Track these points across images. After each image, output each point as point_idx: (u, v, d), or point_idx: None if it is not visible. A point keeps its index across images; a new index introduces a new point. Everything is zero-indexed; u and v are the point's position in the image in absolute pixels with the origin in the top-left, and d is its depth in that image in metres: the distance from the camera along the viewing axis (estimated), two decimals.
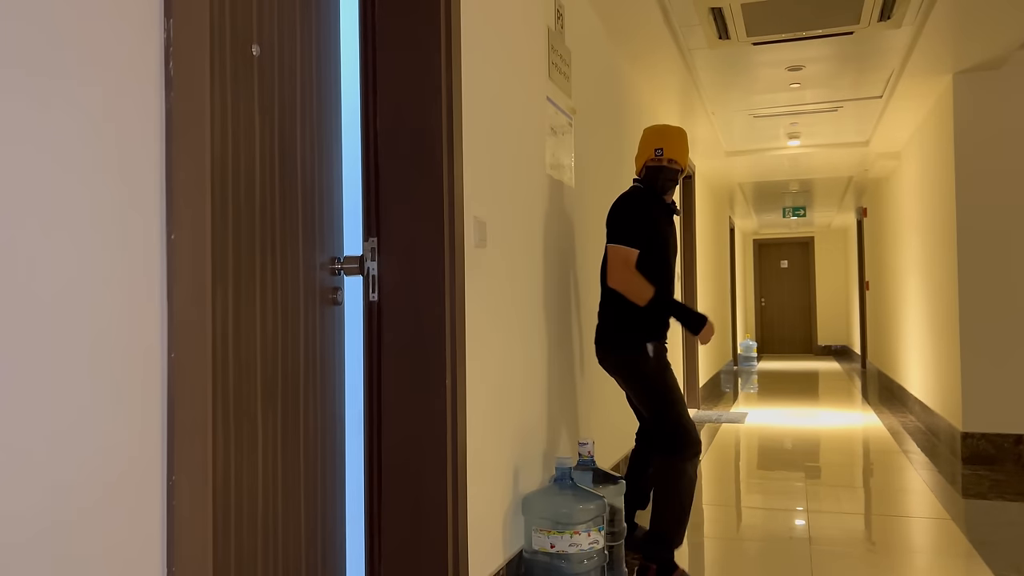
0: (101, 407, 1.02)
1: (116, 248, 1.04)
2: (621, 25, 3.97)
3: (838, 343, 14.40)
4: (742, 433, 6.02)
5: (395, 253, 2.17)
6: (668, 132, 2.96)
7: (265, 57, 1.73)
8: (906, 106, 5.60)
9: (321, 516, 1.93)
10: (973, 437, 4.74)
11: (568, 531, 2.41)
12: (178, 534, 1.13)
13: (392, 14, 2.19)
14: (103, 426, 1.02)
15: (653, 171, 2.93)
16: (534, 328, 2.82)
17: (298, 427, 1.83)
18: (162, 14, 1.15)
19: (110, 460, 1.03)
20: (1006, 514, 3.65)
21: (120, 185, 1.05)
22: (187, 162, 1.15)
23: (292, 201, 1.83)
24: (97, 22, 1.02)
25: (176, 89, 1.14)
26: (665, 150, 2.92)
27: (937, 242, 5.42)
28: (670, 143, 2.93)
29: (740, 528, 3.48)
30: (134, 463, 1.07)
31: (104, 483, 1.02)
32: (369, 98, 2.20)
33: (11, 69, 0.90)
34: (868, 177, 8.63)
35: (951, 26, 3.99)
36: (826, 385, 9.42)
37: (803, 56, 4.53)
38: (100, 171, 1.02)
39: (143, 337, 1.09)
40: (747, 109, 5.78)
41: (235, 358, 1.57)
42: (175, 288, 1.13)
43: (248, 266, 1.63)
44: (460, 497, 2.19)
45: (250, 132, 1.64)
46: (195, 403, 1.16)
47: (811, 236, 14.67)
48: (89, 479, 1.00)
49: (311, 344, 1.92)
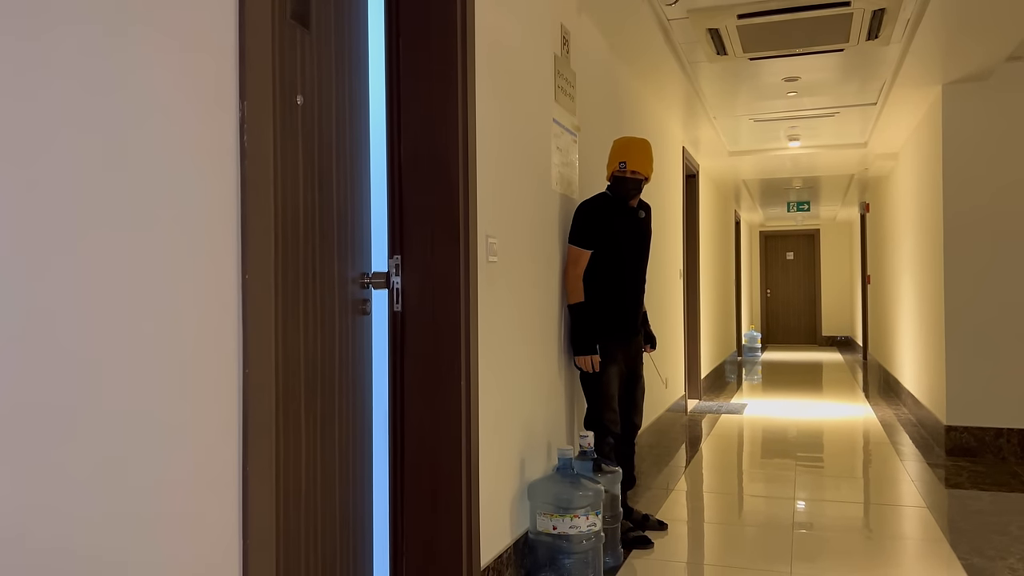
0: (189, 419, 1.31)
1: (204, 290, 1.33)
2: (625, 44, 4.22)
3: (842, 334, 14.63)
4: (740, 424, 6.29)
5: (416, 269, 2.45)
6: (632, 145, 3.34)
7: (307, 104, 2.00)
8: (901, 111, 5.83)
9: (353, 501, 2.22)
10: (956, 430, 5.01)
11: (569, 515, 2.70)
12: (252, 515, 1.42)
13: (413, 57, 2.46)
14: (195, 429, 1.31)
15: (618, 181, 3.33)
16: (539, 332, 3.10)
17: (333, 423, 2.12)
18: (238, 97, 1.43)
19: (200, 456, 1.32)
20: (978, 503, 3.92)
21: (207, 240, 1.34)
22: (256, 218, 1.43)
23: (328, 226, 2.11)
24: (185, 107, 1.31)
25: (249, 159, 1.42)
26: (628, 163, 3.32)
27: (927, 242, 5.67)
28: (633, 156, 3.32)
29: (738, 514, 3.77)
30: (218, 458, 1.36)
31: (197, 474, 1.32)
32: (393, 130, 2.48)
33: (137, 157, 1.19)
34: (869, 175, 8.85)
35: (937, 42, 4.22)
36: (828, 377, 9.67)
37: (798, 68, 4.76)
38: (191, 233, 1.31)
39: (226, 359, 1.38)
40: (748, 114, 6.02)
41: (284, 365, 1.86)
42: (248, 320, 1.42)
43: (293, 284, 1.91)
44: (473, 486, 2.48)
45: (295, 169, 1.92)
46: (263, 410, 1.45)
47: (817, 228, 14.87)
48: (184, 471, 1.29)
49: (344, 350, 2.21)
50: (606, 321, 3.35)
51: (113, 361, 1.17)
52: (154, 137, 1.25)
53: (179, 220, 1.29)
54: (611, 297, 3.34)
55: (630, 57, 4.49)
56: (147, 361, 1.23)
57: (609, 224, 3.32)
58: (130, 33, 1.21)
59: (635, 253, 3.39)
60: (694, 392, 7.35)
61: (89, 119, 1.14)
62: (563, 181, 3.42)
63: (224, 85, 1.39)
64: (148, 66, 1.24)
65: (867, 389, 8.40)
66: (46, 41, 1.07)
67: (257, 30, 1.46)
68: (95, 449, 1.14)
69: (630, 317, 3.39)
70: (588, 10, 3.74)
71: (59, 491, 1.09)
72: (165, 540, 1.26)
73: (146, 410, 1.23)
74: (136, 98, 1.22)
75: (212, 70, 1.37)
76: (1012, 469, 4.64)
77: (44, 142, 1.07)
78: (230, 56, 1.41)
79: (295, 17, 1.96)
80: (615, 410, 3.33)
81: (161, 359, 1.25)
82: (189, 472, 1.30)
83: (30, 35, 1.05)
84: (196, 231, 1.32)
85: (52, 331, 1.08)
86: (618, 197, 3.35)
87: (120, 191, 1.19)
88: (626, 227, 3.36)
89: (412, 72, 2.47)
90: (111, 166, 1.17)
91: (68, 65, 1.11)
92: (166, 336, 1.26)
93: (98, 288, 1.15)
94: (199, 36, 1.34)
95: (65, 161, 1.10)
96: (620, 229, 3.34)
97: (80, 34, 1.13)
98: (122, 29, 1.19)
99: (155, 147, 1.25)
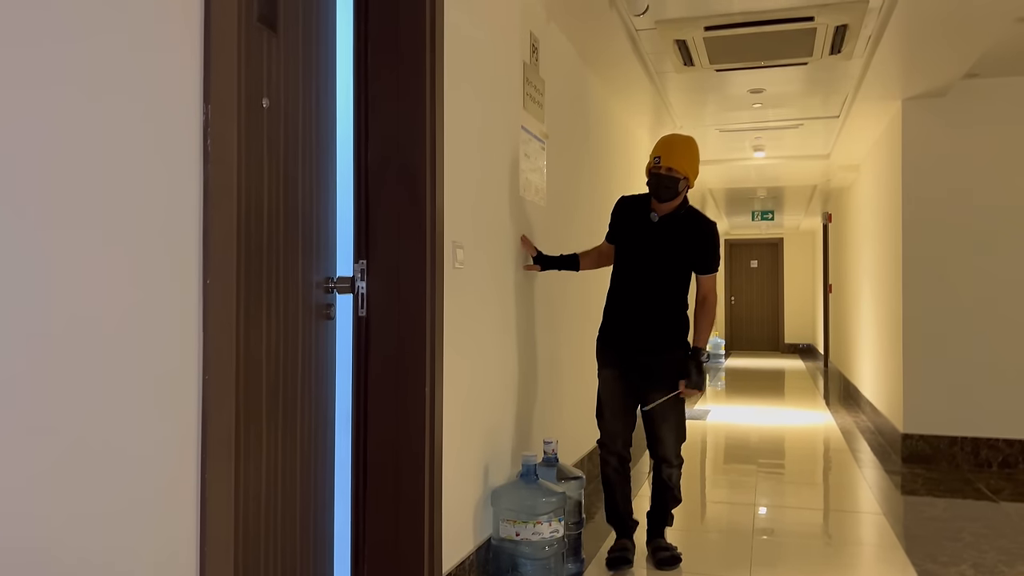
0: (149, 421, 1.30)
1: (162, 294, 1.32)
2: (593, 52, 4.26)
3: (804, 342, 14.86)
4: (704, 430, 6.36)
5: (382, 274, 2.45)
6: (671, 141, 3.10)
7: (273, 108, 1.99)
8: (862, 125, 5.94)
9: (314, 504, 2.20)
10: (912, 438, 5.11)
11: (531, 521, 2.70)
12: (210, 518, 1.41)
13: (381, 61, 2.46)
14: (150, 436, 1.30)
15: (651, 176, 3.10)
16: (505, 337, 3.11)
17: (295, 427, 2.10)
18: (202, 100, 1.42)
19: (157, 462, 1.31)
20: (933, 509, 4.01)
21: (166, 242, 1.33)
22: (219, 222, 1.42)
23: (293, 229, 2.10)
24: (145, 108, 1.29)
25: (212, 163, 1.41)
26: (663, 158, 3.05)
27: (886, 252, 5.78)
28: (669, 151, 3.06)
29: (700, 520, 3.81)
30: (175, 464, 1.35)
31: (151, 484, 1.30)
32: (361, 134, 2.47)
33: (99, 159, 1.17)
34: (831, 186, 9.01)
35: (897, 59, 4.31)
36: (790, 384, 9.81)
37: (764, 80, 4.84)
38: (149, 235, 1.30)
39: (185, 363, 1.37)
40: (714, 124, 6.10)
41: (246, 370, 1.84)
42: (208, 324, 1.41)
43: (257, 288, 1.90)
44: (436, 491, 2.48)
45: (260, 172, 1.91)
46: (222, 415, 1.44)
47: (780, 237, 15.09)
48: (140, 476, 1.28)
49: (308, 354, 2.20)
50: (603, 323, 3.26)
51: (65, 365, 1.16)
52: (109, 138, 1.23)
53: (138, 223, 1.27)
54: (609, 300, 3.24)
55: (599, 66, 4.53)
56: (100, 364, 1.21)
57: (623, 222, 3.20)
58: (90, 32, 1.20)
59: (641, 261, 3.13)
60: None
61: (37, 114, 1.12)
62: (531, 188, 3.44)
63: (187, 87, 1.38)
64: (107, 67, 1.22)
65: (828, 397, 8.54)
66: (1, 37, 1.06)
67: (222, 32, 1.45)
68: (46, 454, 1.13)
69: (623, 327, 3.16)
70: (557, 18, 3.76)
71: (11, 492, 1.07)
72: (119, 543, 1.24)
73: (99, 414, 1.21)
74: (92, 96, 1.20)
75: (175, 72, 1.35)
76: (965, 476, 4.75)
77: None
78: (194, 59, 1.40)
79: (262, 20, 1.94)
80: (605, 419, 3.19)
81: (116, 362, 1.23)
82: (144, 477, 1.29)
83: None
84: (156, 234, 1.31)
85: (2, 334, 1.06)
86: (648, 196, 3.16)
87: (74, 192, 1.17)
88: (638, 230, 3.16)
89: (380, 77, 2.47)
90: (64, 165, 1.16)
91: (18, 63, 1.09)
92: (122, 338, 1.24)
93: (49, 290, 1.13)
94: (162, 37, 1.33)
95: (11, 158, 1.09)
96: (632, 231, 3.17)
97: (36, 30, 1.11)
98: (81, 28, 1.18)
99: (110, 148, 1.23)
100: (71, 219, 1.16)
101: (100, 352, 1.20)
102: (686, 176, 3.07)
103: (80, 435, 1.17)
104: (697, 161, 3.15)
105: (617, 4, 3.60)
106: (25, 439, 1.09)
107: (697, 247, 3.13)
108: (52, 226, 1.13)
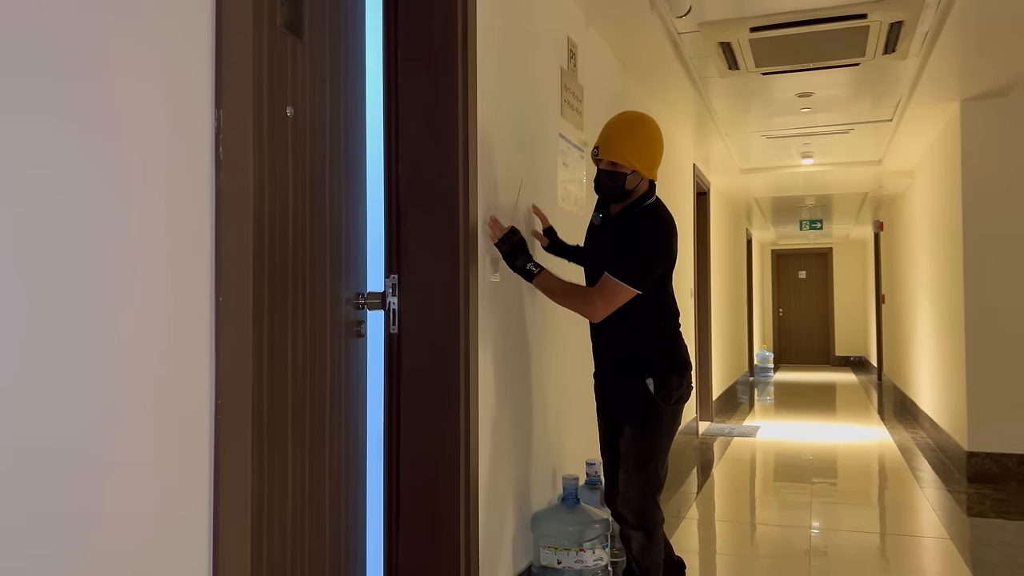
0: (157, 449, 1.20)
1: (168, 312, 1.22)
2: (634, 57, 4.13)
3: (856, 354, 14.42)
4: (753, 447, 6.13)
5: (414, 289, 2.34)
6: (610, 126, 2.48)
7: (298, 116, 1.91)
8: (917, 128, 5.70)
9: (345, 532, 2.10)
10: (978, 456, 4.84)
11: (574, 548, 2.56)
12: (223, 552, 1.31)
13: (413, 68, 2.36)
14: (157, 466, 1.20)
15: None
16: (546, 353, 2.98)
17: (324, 451, 2.00)
18: (213, 105, 1.33)
19: (164, 495, 1.21)
20: (1004, 533, 3.76)
21: (173, 258, 1.24)
22: (232, 235, 1.33)
23: (321, 242, 2.01)
24: (153, 111, 1.21)
25: (224, 171, 1.32)
26: (601, 148, 2.44)
27: (946, 261, 5.52)
28: (607, 139, 2.44)
29: (750, 544, 3.62)
30: (185, 496, 1.25)
31: (160, 513, 1.20)
32: (392, 143, 2.38)
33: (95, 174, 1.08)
34: (883, 193, 8.71)
35: (956, 57, 4.10)
36: (842, 398, 9.49)
37: (812, 83, 4.65)
38: (162, 250, 1.20)
39: (195, 387, 1.27)
40: (760, 131, 5.91)
41: (269, 391, 1.75)
42: (221, 343, 1.31)
43: (281, 304, 1.81)
44: (472, 515, 2.36)
45: (284, 183, 1.82)
46: (237, 442, 1.34)
47: (829, 247, 14.70)
48: (146, 510, 1.18)
49: (337, 374, 2.10)
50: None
51: (52, 393, 1.06)
52: (111, 141, 1.14)
53: (140, 235, 1.18)
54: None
55: (640, 72, 4.39)
56: (96, 390, 1.12)
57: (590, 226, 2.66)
58: (93, 36, 1.11)
59: (588, 271, 2.58)
60: (705, 414, 7.20)
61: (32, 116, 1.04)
62: (570, 198, 3.32)
63: (198, 93, 1.29)
64: (110, 71, 1.14)
65: (883, 411, 8.22)
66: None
67: (235, 36, 1.36)
68: (40, 489, 1.04)
69: (594, 347, 2.58)
70: (596, 23, 3.65)
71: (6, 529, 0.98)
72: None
73: (95, 448, 1.12)
74: (94, 101, 1.12)
75: (184, 77, 1.27)
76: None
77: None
78: (204, 63, 1.31)
79: (286, 26, 1.86)
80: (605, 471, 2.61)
81: (114, 387, 1.14)
82: (151, 511, 1.19)
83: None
84: (160, 248, 1.21)
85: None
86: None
87: (67, 202, 1.08)
88: (590, 236, 2.63)
89: (412, 84, 2.37)
90: (56, 173, 1.07)
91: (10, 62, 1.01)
92: (121, 361, 1.15)
93: (38, 310, 1.04)
94: (170, 40, 1.25)
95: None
96: (588, 237, 2.65)
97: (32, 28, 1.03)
98: (85, 32, 1.10)
99: (109, 153, 1.15)
100: (60, 233, 1.07)
101: (90, 377, 1.11)
102: (634, 169, 2.39)
103: (69, 473, 1.08)
104: (651, 145, 2.41)
105: (658, 6, 3.47)
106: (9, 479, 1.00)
107: (620, 245, 2.38)
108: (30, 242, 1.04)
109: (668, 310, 2.49)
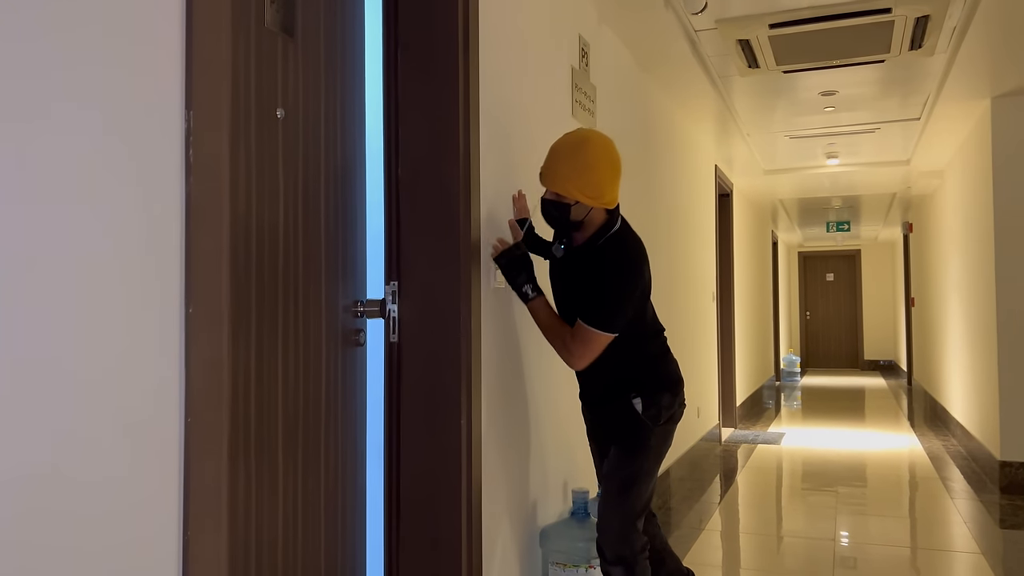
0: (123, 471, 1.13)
1: (138, 326, 1.15)
2: (649, 56, 4.03)
3: (885, 358, 14.13)
4: (778, 455, 5.98)
5: (415, 296, 2.27)
6: (552, 151, 2.20)
7: (290, 118, 1.84)
8: (946, 127, 5.53)
9: (341, 551, 2.02)
10: (1012, 466, 4.66)
11: (583, 565, 2.47)
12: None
13: (413, 69, 2.29)
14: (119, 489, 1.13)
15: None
16: (555, 361, 2.89)
17: (319, 465, 1.93)
18: (183, 106, 1.26)
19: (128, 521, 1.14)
20: None
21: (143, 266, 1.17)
22: (204, 241, 1.26)
23: (315, 248, 1.93)
24: (116, 110, 1.14)
25: (195, 174, 1.25)
26: (543, 175, 2.21)
27: (977, 263, 5.34)
28: (548, 167, 2.19)
29: (775, 558, 3.50)
30: (151, 523, 1.18)
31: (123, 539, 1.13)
32: (392, 146, 2.30)
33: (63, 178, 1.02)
34: (912, 194, 8.50)
35: (986, 52, 3.95)
36: (870, 404, 9.27)
37: (836, 81, 4.52)
38: (123, 259, 1.13)
39: (162, 404, 1.20)
40: (783, 131, 5.78)
41: (256, 404, 1.68)
42: (191, 357, 1.24)
43: (270, 313, 1.73)
44: (475, 530, 2.27)
45: (274, 187, 1.75)
46: (208, 465, 1.27)
47: (857, 249, 14.43)
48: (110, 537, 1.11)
49: (333, 384, 2.02)
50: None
51: None
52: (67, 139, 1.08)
53: (102, 242, 1.11)
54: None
55: (656, 70, 4.29)
56: (49, 409, 1.05)
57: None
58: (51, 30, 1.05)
59: (559, 308, 2.37)
60: (728, 420, 7.05)
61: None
62: None
63: (164, 92, 1.22)
64: (65, 66, 1.07)
65: (912, 418, 8.01)
66: None
67: (208, 35, 1.29)
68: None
69: (578, 373, 2.38)
70: (609, 20, 3.55)
71: None
72: None
73: (50, 470, 1.05)
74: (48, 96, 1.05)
75: (148, 76, 1.20)
76: None
77: None
78: (173, 61, 1.24)
79: (277, 25, 1.80)
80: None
81: (67, 405, 1.07)
82: (116, 537, 1.12)
83: None
84: (122, 255, 1.14)
85: None
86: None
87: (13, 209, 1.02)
88: (553, 270, 2.40)
89: (412, 85, 2.30)
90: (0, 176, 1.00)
91: None
92: (74, 377, 1.08)
93: None
94: (135, 36, 1.18)
95: None
96: (551, 271, 2.42)
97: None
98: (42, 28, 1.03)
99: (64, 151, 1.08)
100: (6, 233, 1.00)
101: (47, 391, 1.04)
102: (577, 201, 2.15)
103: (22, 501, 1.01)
104: (594, 172, 2.13)
105: (673, 3, 3.36)
106: None
107: (587, 285, 2.19)
108: None
109: (648, 330, 2.33)
